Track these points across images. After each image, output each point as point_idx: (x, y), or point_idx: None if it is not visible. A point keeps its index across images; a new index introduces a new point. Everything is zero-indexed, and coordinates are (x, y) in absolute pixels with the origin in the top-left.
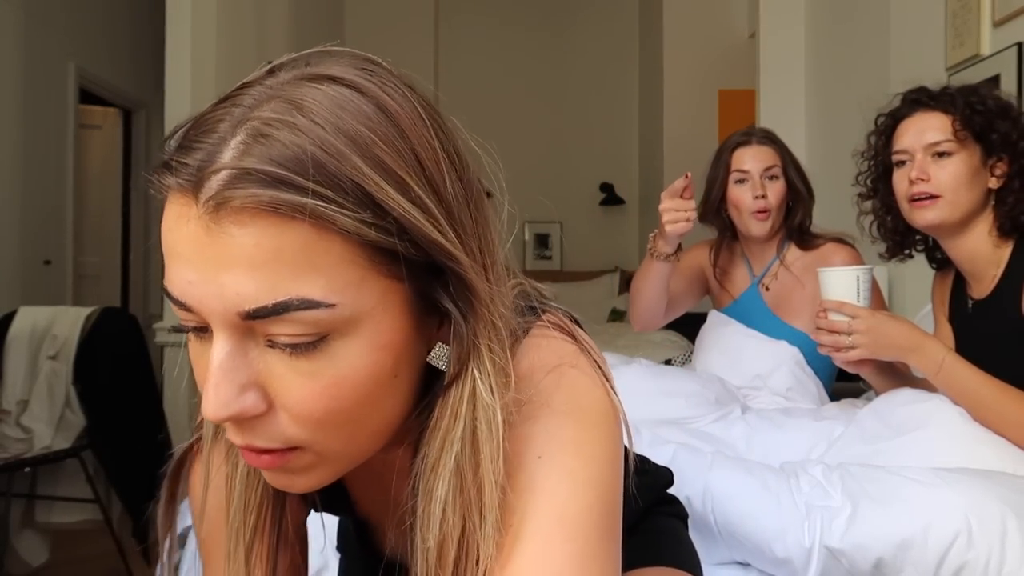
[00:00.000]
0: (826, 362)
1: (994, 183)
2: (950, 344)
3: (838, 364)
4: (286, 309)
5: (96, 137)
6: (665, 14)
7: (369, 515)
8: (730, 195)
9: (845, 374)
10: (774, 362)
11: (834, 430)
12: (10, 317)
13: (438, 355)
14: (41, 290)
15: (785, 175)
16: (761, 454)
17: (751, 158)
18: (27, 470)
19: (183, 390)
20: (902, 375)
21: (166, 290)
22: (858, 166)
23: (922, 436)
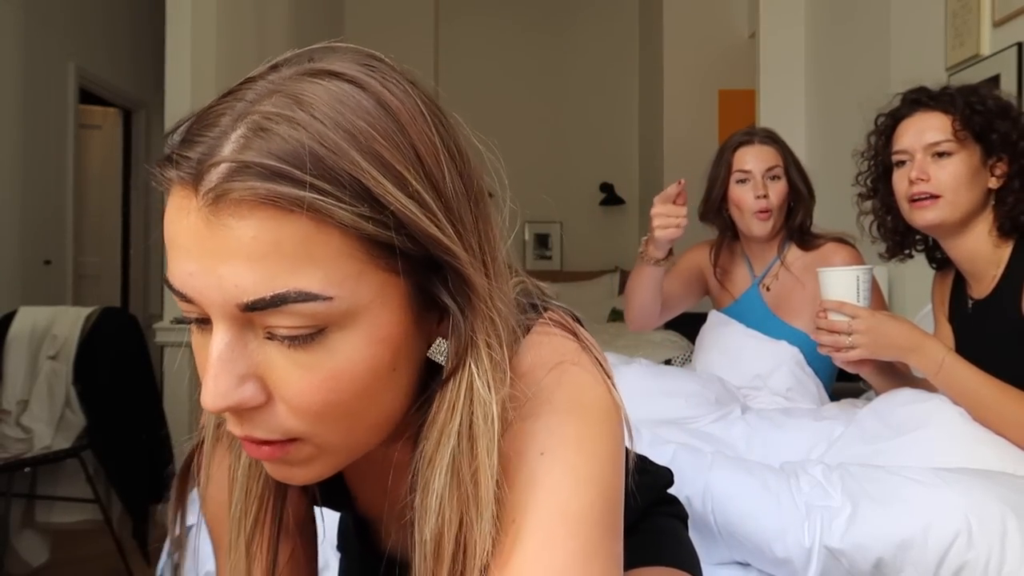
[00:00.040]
0: (826, 362)
1: (994, 183)
2: (950, 344)
3: (838, 364)
4: (284, 301)
5: (96, 137)
6: (665, 14)
7: (369, 512)
8: (731, 195)
9: (845, 374)
10: (774, 362)
11: (834, 430)
12: (10, 317)
13: (438, 350)
14: (41, 290)
15: (787, 175)
16: (761, 454)
17: (753, 158)
18: (27, 470)
19: (183, 390)
20: (902, 375)
21: (168, 282)
22: (858, 166)
23: (922, 436)
